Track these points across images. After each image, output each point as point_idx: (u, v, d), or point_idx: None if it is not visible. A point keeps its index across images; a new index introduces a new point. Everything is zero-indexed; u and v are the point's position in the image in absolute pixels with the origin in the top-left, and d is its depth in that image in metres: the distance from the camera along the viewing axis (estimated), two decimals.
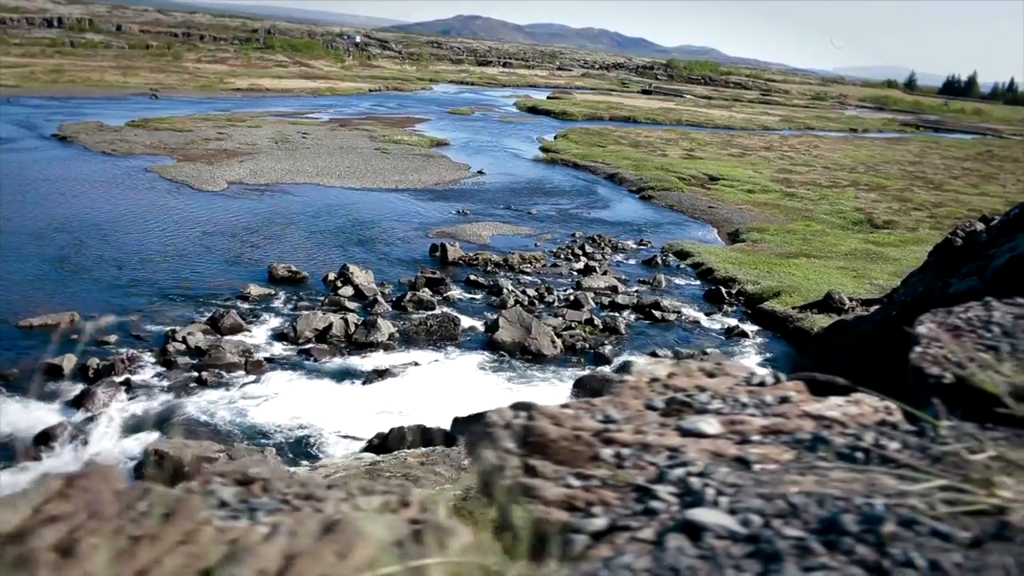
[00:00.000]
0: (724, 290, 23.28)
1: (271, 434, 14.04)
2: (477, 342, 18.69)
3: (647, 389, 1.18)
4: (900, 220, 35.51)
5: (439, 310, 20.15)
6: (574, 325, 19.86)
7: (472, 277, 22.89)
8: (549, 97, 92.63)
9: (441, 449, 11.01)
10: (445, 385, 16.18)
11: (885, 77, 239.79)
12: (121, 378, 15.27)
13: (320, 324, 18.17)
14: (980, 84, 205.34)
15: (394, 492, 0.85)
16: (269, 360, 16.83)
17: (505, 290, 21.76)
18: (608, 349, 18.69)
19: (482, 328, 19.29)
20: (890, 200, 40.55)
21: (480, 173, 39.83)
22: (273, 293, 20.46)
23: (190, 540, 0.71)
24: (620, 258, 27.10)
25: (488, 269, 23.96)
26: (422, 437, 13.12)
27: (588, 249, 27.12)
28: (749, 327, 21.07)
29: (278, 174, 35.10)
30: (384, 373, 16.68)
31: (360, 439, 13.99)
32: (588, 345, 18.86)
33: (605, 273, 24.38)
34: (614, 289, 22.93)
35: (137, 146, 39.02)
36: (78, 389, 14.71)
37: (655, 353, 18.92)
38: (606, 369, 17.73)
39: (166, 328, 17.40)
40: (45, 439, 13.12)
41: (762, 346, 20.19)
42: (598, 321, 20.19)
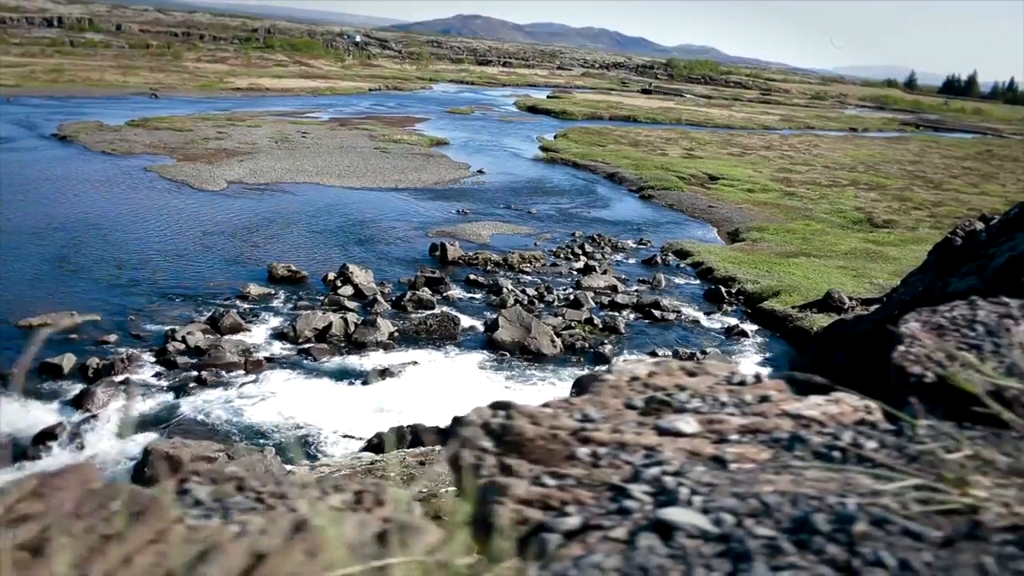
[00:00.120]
0: (724, 289, 23.29)
1: (270, 433, 14.05)
2: (477, 341, 18.70)
3: (627, 388, 1.18)
4: (900, 219, 35.51)
5: (439, 309, 20.16)
6: (574, 324, 19.87)
7: (472, 276, 22.90)
8: (549, 96, 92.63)
9: (440, 448, 11.02)
10: (445, 385, 16.19)
11: (885, 76, 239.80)
12: (121, 377, 15.29)
13: (320, 324, 18.18)
14: (980, 83, 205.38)
15: (369, 491, 0.86)
16: (269, 360, 16.85)
17: (505, 289, 21.77)
18: (608, 348, 18.70)
19: (482, 328, 19.30)
20: (890, 199, 40.55)
21: (480, 172, 39.84)
22: (273, 293, 20.47)
23: (160, 539, 0.72)
24: (620, 257, 27.11)
25: (488, 268, 23.96)
26: (421, 437, 13.13)
27: (588, 248, 27.13)
28: (749, 326, 21.08)
29: (278, 173, 35.11)
30: (384, 373, 16.69)
31: (360, 439, 14.01)
32: (588, 344, 18.86)
33: (605, 272, 24.38)
34: (614, 288, 22.94)
35: (137, 146, 39.03)
36: (78, 389, 14.73)
37: (655, 352, 18.94)
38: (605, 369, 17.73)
39: (166, 328, 17.41)
40: (45, 439, 13.15)
41: (762, 345, 20.19)
42: (598, 320, 20.20)
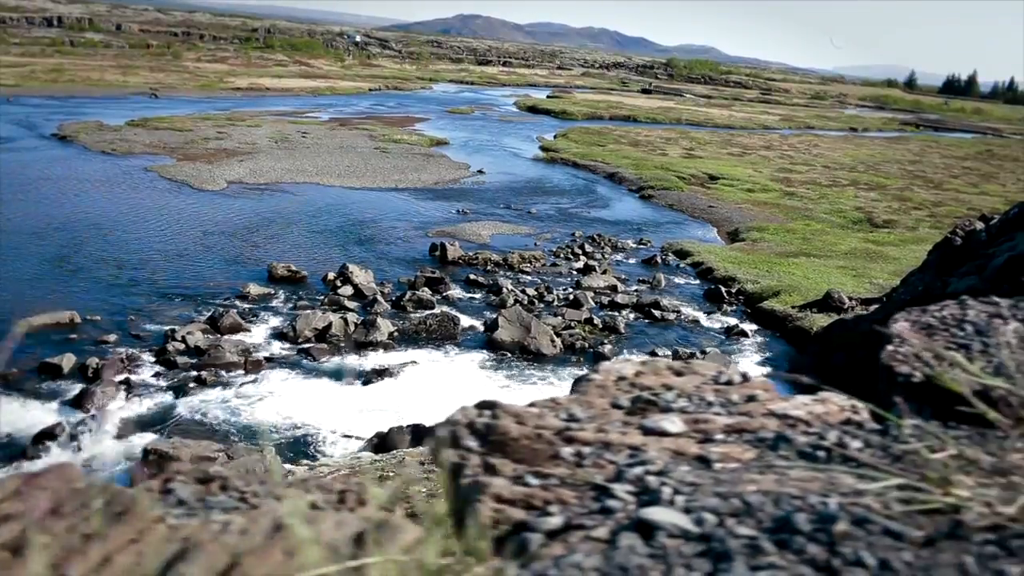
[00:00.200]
0: (724, 289, 23.29)
1: (270, 433, 14.04)
2: (476, 341, 18.70)
3: (614, 388, 1.18)
4: (900, 219, 35.51)
5: (439, 309, 20.15)
6: (573, 324, 19.87)
7: (472, 276, 22.90)
8: (549, 96, 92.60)
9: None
10: (444, 384, 16.18)
11: (885, 76, 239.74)
12: (120, 377, 15.29)
13: (319, 323, 18.18)
14: (980, 83, 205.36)
15: (352, 490, 0.86)
16: (268, 359, 16.85)
17: (505, 289, 21.77)
18: (608, 348, 18.69)
19: (481, 327, 19.30)
20: (890, 199, 40.55)
21: (480, 172, 39.84)
22: (272, 292, 20.47)
23: (141, 538, 0.72)
24: (620, 257, 27.10)
25: (488, 268, 23.96)
26: (421, 437, 13.14)
27: (588, 248, 27.13)
28: (748, 326, 21.08)
29: (278, 173, 35.11)
30: (383, 372, 16.70)
31: (359, 438, 14.01)
32: (587, 344, 18.86)
33: (605, 272, 24.38)
34: (614, 288, 22.93)
35: (137, 145, 39.03)
36: (77, 388, 14.73)
37: (654, 352, 18.93)
38: None
39: (165, 327, 17.41)
40: (44, 438, 13.14)
41: (761, 345, 20.19)
42: (597, 320, 20.20)
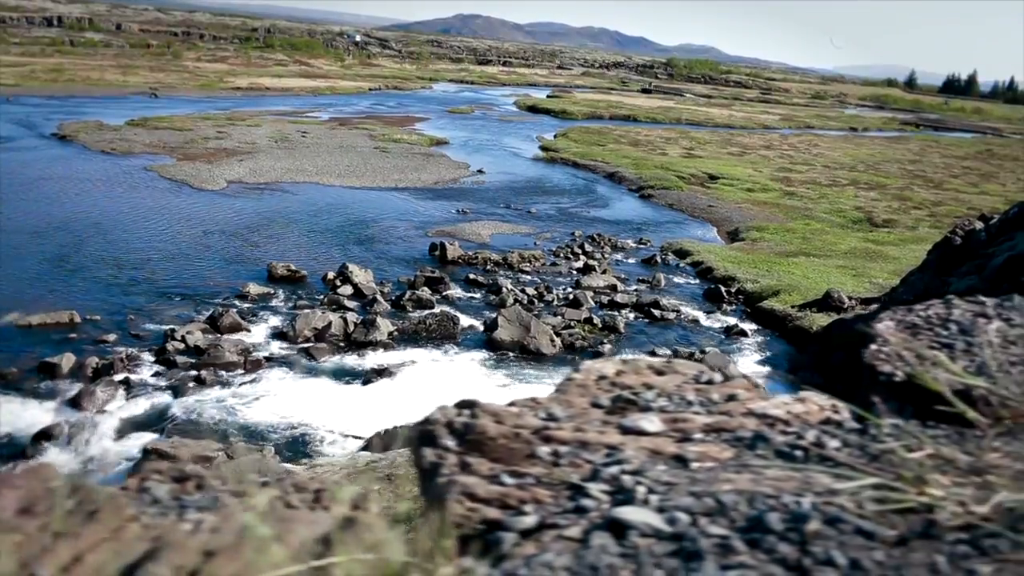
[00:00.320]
0: (723, 289, 23.29)
1: (269, 433, 14.05)
2: (476, 341, 18.69)
3: (594, 387, 1.18)
4: (900, 219, 35.50)
5: (438, 309, 20.15)
6: (573, 324, 19.87)
7: (471, 276, 22.90)
8: (549, 96, 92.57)
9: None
10: (444, 384, 16.18)
11: (885, 76, 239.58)
12: (120, 377, 15.29)
13: (319, 323, 18.18)
14: (980, 83, 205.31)
15: (329, 490, 0.86)
16: (268, 359, 16.85)
17: (504, 289, 21.77)
18: (607, 348, 18.69)
19: (481, 327, 19.30)
20: (890, 199, 40.54)
21: (480, 172, 39.83)
22: (272, 292, 20.48)
23: (114, 537, 0.72)
24: (619, 257, 27.10)
25: (487, 268, 23.96)
26: None
27: (587, 248, 27.13)
28: (748, 326, 21.08)
29: (278, 173, 35.11)
30: (383, 372, 16.70)
31: (359, 438, 14.01)
32: (587, 344, 18.85)
33: (604, 272, 24.38)
34: (613, 288, 22.93)
35: (137, 145, 39.03)
36: (77, 388, 14.73)
37: (654, 352, 18.94)
38: None
39: (165, 327, 17.42)
40: (43, 438, 13.15)
41: (761, 345, 20.19)
42: (597, 320, 20.19)
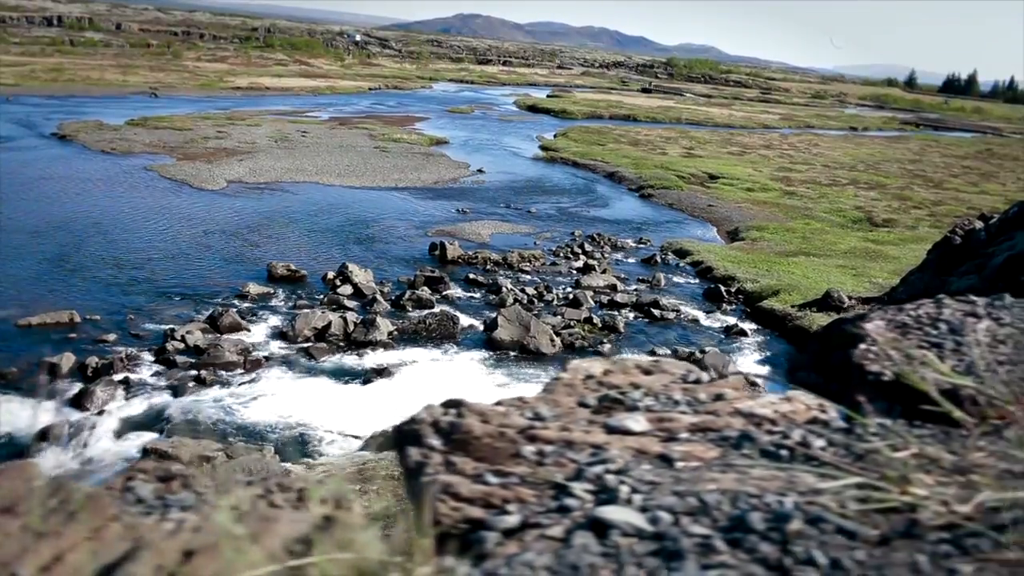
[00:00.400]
0: (723, 288, 23.28)
1: (269, 433, 14.06)
2: (476, 341, 18.69)
3: (581, 386, 1.18)
4: (900, 218, 35.49)
5: (438, 309, 20.16)
6: (573, 324, 19.87)
7: (471, 276, 22.91)
8: (549, 95, 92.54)
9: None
10: (444, 384, 16.17)
11: (885, 75, 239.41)
12: (120, 377, 15.30)
13: (319, 323, 18.18)
14: (980, 82, 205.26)
15: (309, 488, 0.86)
16: (268, 359, 16.85)
17: (504, 289, 21.77)
18: (607, 348, 18.69)
19: (481, 327, 19.30)
20: (890, 198, 40.53)
21: (480, 172, 39.83)
22: (272, 292, 20.48)
23: (95, 536, 0.72)
24: (619, 256, 27.09)
25: (487, 268, 23.96)
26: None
27: (587, 247, 27.12)
28: (748, 325, 21.07)
29: (277, 173, 35.11)
30: (383, 372, 16.70)
31: (358, 438, 14.01)
32: (587, 344, 18.86)
33: (604, 271, 24.37)
34: (613, 287, 22.93)
35: (137, 145, 39.03)
36: (77, 388, 14.74)
37: (654, 352, 18.94)
38: None
39: (165, 327, 17.42)
40: (44, 438, 13.16)
41: (761, 344, 20.19)
42: (597, 319, 20.19)
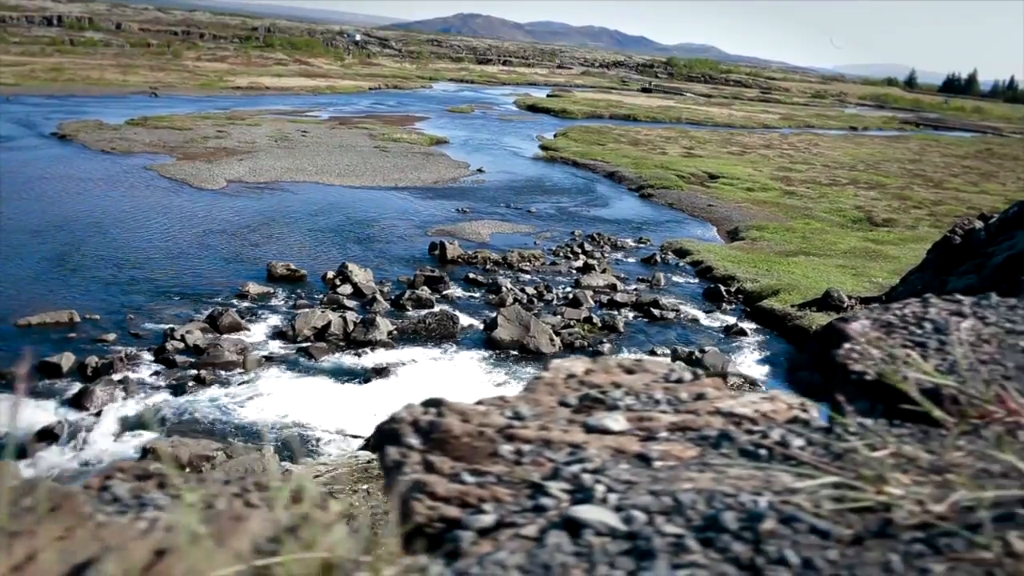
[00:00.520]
0: (723, 288, 23.28)
1: (269, 432, 14.06)
2: (476, 340, 18.70)
3: (563, 385, 1.18)
4: (899, 218, 35.49)
5: (438, 308, 20.16)
6: (573, 323, 19.87)
7: (471, 275, 22.91)
8: (549, 95, 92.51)
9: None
10: (443, 383, 16.19)
11: (885, 75, 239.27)
12: (119, 376, 15.30)
13: (319, 322, 18.19)
14: (980, 82, 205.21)
15: (288, 487, 0.87)
16: (268, 358, 16.86)
17: (504, 288, 21.77)
18: (607, 347, 18.69)
19: (481, 326, 19.31)
20: (890, 198, 40.52)
21: (480, 171, 39.83)
22: (272, 291, 20.49)
23: (68, 535, 0.72)
24: (619, 256, 27.10)
25: (487, 267, 23.97)
26: None
27: (587, 247, 27.13)
28: (748, 325, 21.08)
29: (277, 172, 35.12)
30: (382, 371, 16.71)
31: (358, 437, 14.02)
32: (587, 343, 18.86)
33: (604, 271, 24.38)
34: (613, 287, 22.93)
35: (136, 144, 39.03)
36: (76, 387, 14.75)
37: (654, 351, 18.95)
38: None
39: (165, 326, 17.44)
40: (43, 437, 13.17)
41: (761, 344, 20.19)
42: (597, 319, 20.20)
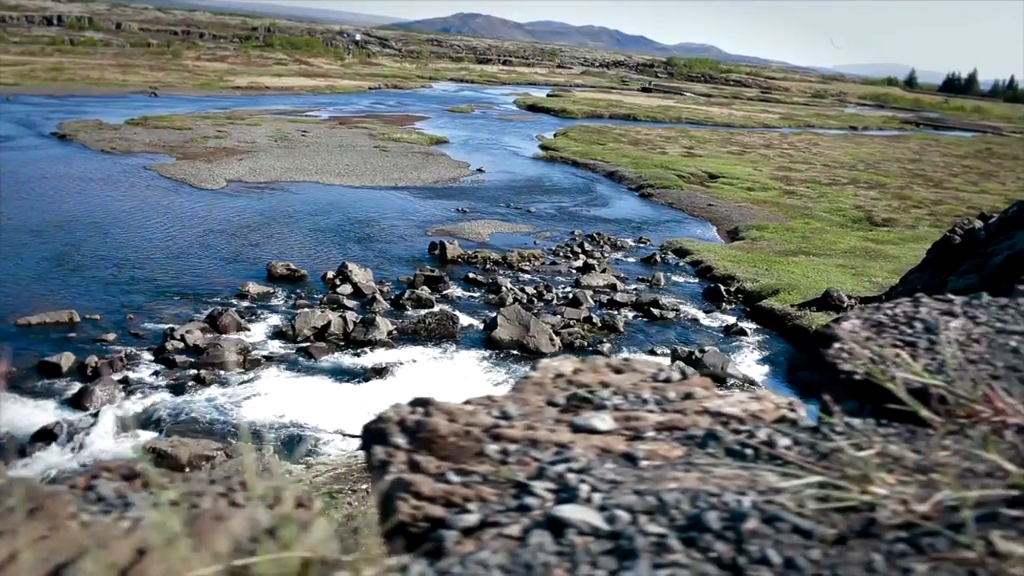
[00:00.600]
0: (723, 288, 23.28)
1: (268, 432, 14.05)
2: (475, 340, 18.70)
3: (551, 385, 1.19)
4: (899, 218, 35.49)
5: (438, 308, 20.16)
6: (573, 323, 19.87)
7: (471, 275, 22.91)
8: (549, 95, 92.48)
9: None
10: (443, 383, 16.19)
11: (885, 75, 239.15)
12: (119, 376, 15.31)
13: (319, 322, 18.19)
14: (980, 82, 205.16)
15: (272, 486, 0.87)
16: (267, 358, 16.86)
17: (504, 288, 21.77)
18: (607, 347, 18.69)
19: (480, 326, 19.31)
20: (890, 198, 40.52)
21: (479, 171, 39.83)
22: (272, 291, 20.49)
23: (51, 535, 0.73)
24: (619, 256, 27.10)
25: (487, 267, 23.97)
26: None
27: (587, 247, 27.12)
28: (748, 325, 21.08)
29: (277, 172, 35.12)
30: (382, 371, 16.71)
31: (358, 437, 13.99)
32: (587, 343, 18.85)
33: (604, 271, 24.38)
34: (613, 287, 22.93)
35: (136, 144, 39.03)
36: (76, 387, 14.75)
37: (654, 351, 18.95)
38: None
39: (164, 326, 17.44)
40: (43, 437, 13.17)
41: (760, 344, 20.19)
42: (597, 319, 20.20)
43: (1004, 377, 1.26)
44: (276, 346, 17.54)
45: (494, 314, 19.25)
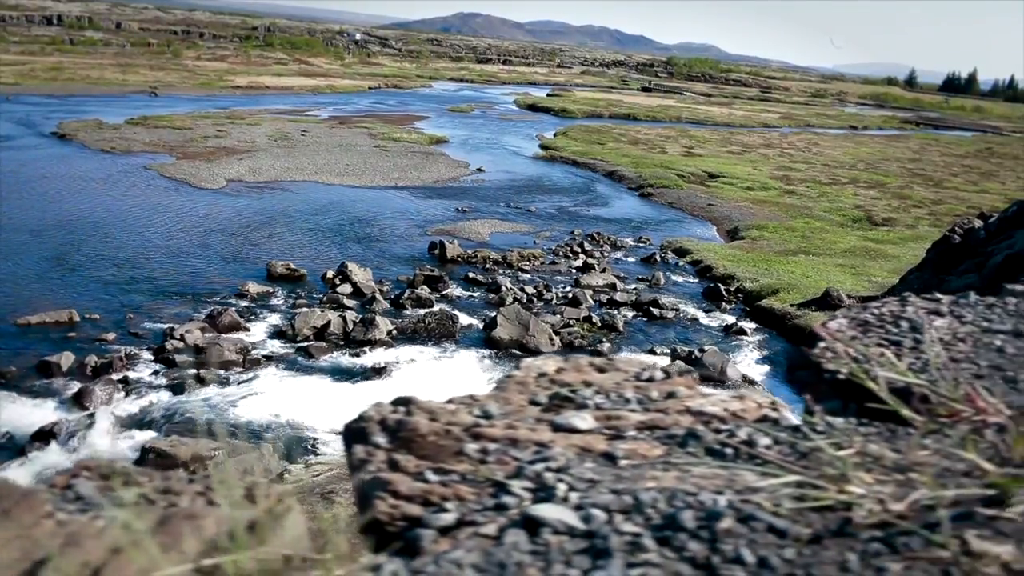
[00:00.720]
0: (723, 287, 23.28)
1: (268, 432, 14.07)
2: (475, 340, 18.71)
3: (533, 384, 1.19)
4: (899, 217, 35.48)
5: (437, 308, 20.17)
6: (572, 323, 19.88)
7: (471, 275, 22.92)
8: (549, 94, 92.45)
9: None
10: (443, 383, 16.20)
11: (885, 74, 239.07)
12: (119, 376, 15.31)
13: (318, 322, 18.20)
14: (980, 81, 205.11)
15: (261, 485, 0.87)
16: (267, 358, 16.87)
17: (503, 288, 21.77)
18: (606, 347, 18.69)
19: (480, 326, 19.32)
20: (889, 197, 40.51)
21: (479, 171, 39.83)
22: (271, 291, 20.50)
23: (26, 534, 0.73)
24: (619, 255, 27.10)
25: (487, 267, 23.97)
26: None
27: (587, 247, 27.13)
28: (747, 324, 21.08)
29: (277, 172, 35.13)
30: (382, 371, 16.72)
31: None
32: (586, 343, 18.86)
33: (604, 271, 24.38)
34: (613, 287, 22.94)
35: (136, 144, 39.04)
36: (76, 387, 14.75)
37: (653, 351, 18.95)
38: None
39: (164, 326, 17.45)
40: (43, 436, 13.18)
41: (760, 343, 20.20)
42: (596, 319, 20.20)
43: (988, 376, 1.26)
44: (276, 346, 17.54)
45: (494, 314, 19.26)
